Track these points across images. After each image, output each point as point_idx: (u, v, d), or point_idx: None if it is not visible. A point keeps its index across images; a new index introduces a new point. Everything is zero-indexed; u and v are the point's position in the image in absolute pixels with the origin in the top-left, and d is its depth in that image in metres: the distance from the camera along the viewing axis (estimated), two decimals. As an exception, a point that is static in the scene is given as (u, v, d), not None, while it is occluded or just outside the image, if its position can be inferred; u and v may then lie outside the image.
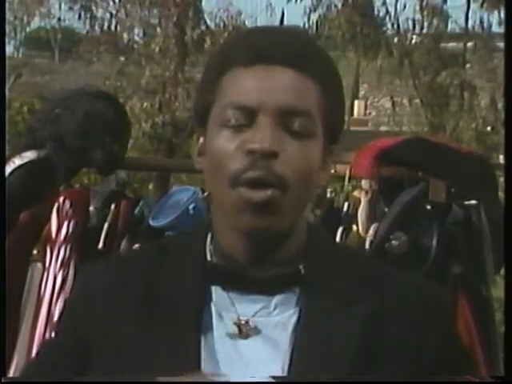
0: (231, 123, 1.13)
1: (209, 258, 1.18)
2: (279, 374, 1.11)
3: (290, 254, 1.17)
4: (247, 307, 1.15)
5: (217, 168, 1.14)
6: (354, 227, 2.59)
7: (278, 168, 1.11)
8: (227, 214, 1.14)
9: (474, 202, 2.44)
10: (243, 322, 1.14)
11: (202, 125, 1.19)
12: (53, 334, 1.28)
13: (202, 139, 1.20)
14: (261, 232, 1.13)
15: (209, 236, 1.19)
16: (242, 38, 1.21)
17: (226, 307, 1.15)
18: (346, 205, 2.61)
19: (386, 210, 2.46)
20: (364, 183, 2.66)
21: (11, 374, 2.16)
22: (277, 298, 1.15)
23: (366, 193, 2.62)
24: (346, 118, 1.37)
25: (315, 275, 1.16)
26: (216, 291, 1.16)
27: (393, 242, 2.33)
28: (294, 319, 1.14)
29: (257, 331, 1.14)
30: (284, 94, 1.12)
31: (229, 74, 1.15)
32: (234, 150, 1.12)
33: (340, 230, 2.53)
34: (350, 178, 2.56)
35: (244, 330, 1.13)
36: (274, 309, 1.15)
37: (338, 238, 2.45)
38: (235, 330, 1.13)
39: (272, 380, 1.09)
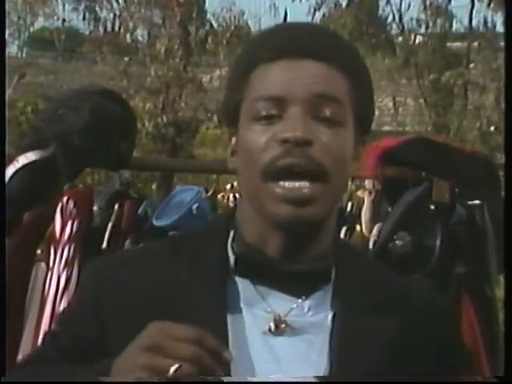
0: (262, 114, 1.12)
1: (230, 253, 1.16)
2: (314, 374, 1.09)
3: (320, 250, 1.15)
4: (280, 304, 1.13)
5: (249, 161, 1.12)
6: (358, 227, 2.59)
7: (314, 155, 1.10)
8: (263, 207, 1.11)
9: (477, 202, 2.44)
10: (282, 319, 1.12)
11: (232, 124, 1.18)
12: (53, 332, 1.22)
13: (234, 139, 1.19)
14: (300, 222, 1.10)
15: (231, 234, 1.18)
16: (265, 36, 1.20)
17: (256, 302, 1.13)
18: (349, 204, 2.61)
19: (390, 209, 2.45)
20: (367, 183, 2.67)
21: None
22: (310, 300, 1.14)
23: (370, 193, 2.62)
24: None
25: (346, 274, 1.16)
26: (242, 285, 1.14)
27: (396, 241, 2.33)
28: (329, 321, 1.13)
29: (292, 330, 1.12)
30: (312, 82, 1.12)
31: (255, 72, 1.15)
32: (266, 142, 1.11)
33: (344, 229, 2.53)
34: (353, 178, 2.56)
35: (281, 327, 1.12)
36: (308, 310, 1.14)
37: (341, 238, 2.45)
38: (272, 326, 1.12)
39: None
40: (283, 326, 1.12)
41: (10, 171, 2.28)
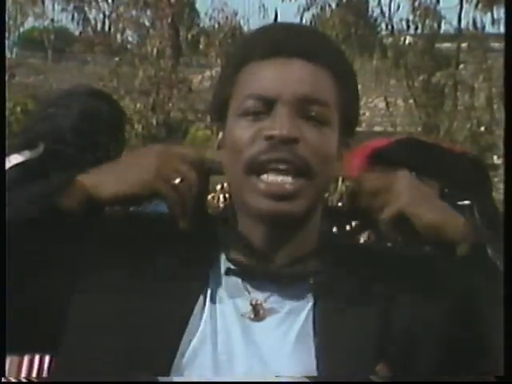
0: (250, 111, 1.14)
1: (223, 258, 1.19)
2: (290, 362, 1.11)
3: (303, 251, 1.19)
4: (259, 293, 1.16)
5: (234, 155, 1.15)
6: (348, 227, 2.59)
7: (299, 151, 1.13)
8: (245, 201, 1.15)
9: (467, 202, 2.44)
10: (259, 303, 1.15)
11: (220, 119, 1.21)
12: None
13: (221, 134, 1.21)
14: (280, 217, 1.14)
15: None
16: (257, 34, 1.23)
17: (237, 290, 1.16)
18: (339, 205, 2.60)
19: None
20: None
21: (6, 373, 2.16)
22: (290, 288, 1.17)
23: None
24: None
25: (328, 275, 1.18)
26: (228, 278, 1.17)
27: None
28: (307, 308, 1.15)
29: (271, 316, 1.15)
30: (301, 84, 1.14)
31: (246, 68, 1.17)
32: (251, 137, 1.14)
33: (334, 230, 2.53)
34: (343, 179, 2.56)
35: (260, 312, 1.14)
36: (288, 297, 1.16)
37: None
38: (250, 313, 1.14)
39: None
40: (262, 311, 1.14)
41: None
